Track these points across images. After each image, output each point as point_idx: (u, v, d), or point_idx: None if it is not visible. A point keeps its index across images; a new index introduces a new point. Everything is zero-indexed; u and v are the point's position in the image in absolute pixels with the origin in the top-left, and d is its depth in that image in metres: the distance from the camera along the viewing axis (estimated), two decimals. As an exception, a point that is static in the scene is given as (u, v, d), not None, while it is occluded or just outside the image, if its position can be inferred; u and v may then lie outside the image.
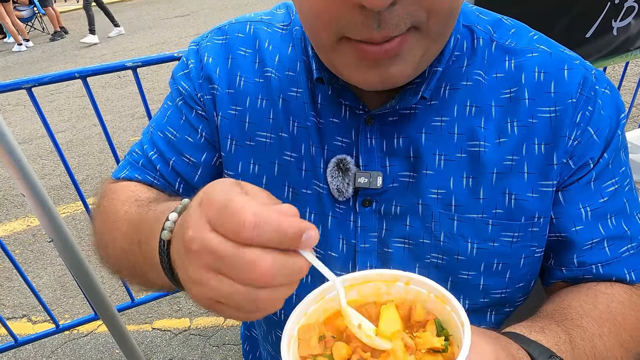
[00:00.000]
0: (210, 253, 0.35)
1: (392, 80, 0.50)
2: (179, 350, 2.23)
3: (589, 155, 0.57)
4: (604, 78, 0.59)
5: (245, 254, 0.34)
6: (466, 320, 0.38)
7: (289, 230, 0.35)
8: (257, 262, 0.34)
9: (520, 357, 0.44)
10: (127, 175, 0.68)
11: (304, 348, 0.40)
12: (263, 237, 0.34)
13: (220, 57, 0.65)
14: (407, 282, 0.43)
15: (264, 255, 0.34)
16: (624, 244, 0.59)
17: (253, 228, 0.34)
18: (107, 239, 0.60)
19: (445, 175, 0.58)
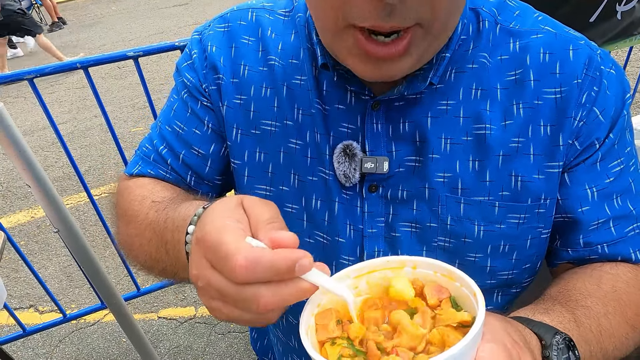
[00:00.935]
0: (215, 290, 0.38)
1: (394, 75, 0.51)
2: (185, 339, 2.25)
3: (594, 135, 0.57)
4: (610, 58, 0.59)
5: (245, 292, 0.37)
6: (478, 290, 0.38)
7: (281, 267, 0.36)
8: (257, 297, 0.36)
9: (528, 334, 0.45)
10: (140, 170, 0.69)
11: (322, 333, 0.41)
12: (257, 276, 0.36)
13: (223, 45, 0.65)
14: (414, 266, 0.44)
15: (263, 291, 0.36)
16: (629, 224, 0.60)
17: (245, 271, 0.36)
18: (133, 243, 0.62)
19: (451, 159, 0.58)
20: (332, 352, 0.39)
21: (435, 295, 0.41)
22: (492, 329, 0.38)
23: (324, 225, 0.62)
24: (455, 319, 0.38)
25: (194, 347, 2.20)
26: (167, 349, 2.22)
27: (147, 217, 0.59)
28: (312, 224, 0.63)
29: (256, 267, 0.36)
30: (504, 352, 0.36)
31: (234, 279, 0.36)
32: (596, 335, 0.52)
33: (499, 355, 0.36)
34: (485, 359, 0.35)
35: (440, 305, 0.41)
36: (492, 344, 0.36)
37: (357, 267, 0.44)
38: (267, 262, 0.36)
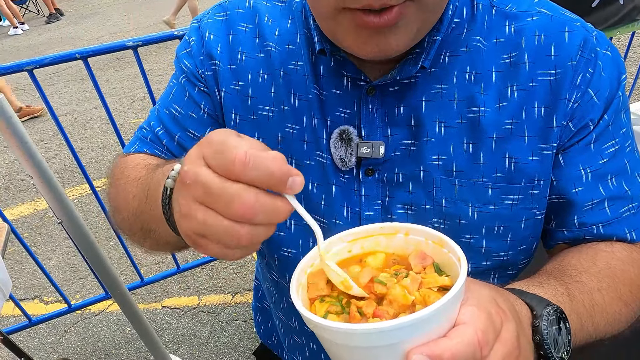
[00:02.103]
0: (200, 186, 0.37)
1: (390, 49, 0.51)
2: (189, 327, 2.28)
3: (588, 117, 0.57)
4: (605, 40, 0.59)
5: (231, 187, 0.36)
6: (462, 255, 0.39)
7: (276, 172, 0.37)
8: (241, 195, 0.36)
9: (519, 304, 0.45)
10: (137, 149, 0.71)
11: (312, 291, 0.42)
12: (251, 174, 0.36)
13: (221, 33, 0.66)
14: (406, 233, 0.45)
15: (248, 191, 0.36)
16: (624, 204, 0.60)
17: (242, 165, 0.36)
18: (120, 203, 0.62)
19: (445, 142, 0.59)
20: (321, 308, 0.40)
21: (419, 263, 0.42)
22: (478, 296, 0.38)
23: (321, 209, 0.63)
24: (437, 283, 0.40)
25: (197, 336, 2.23)
26: (172, 337, 2.25)
27: (138, 176, 0.60)
28: (308, 208, 0.64)
29: (254, 164, 0.36)
30: (485, 316, 0.36)
31: (229, 170, 0.36)
32: (588, 310, 0.53)
33: (479, 318, 0.36)
34: (465, 321, 0.36)
35: (424, 270, 0.42)
36: (473, 308, 0.37)
37: (352, 232, 0.46)
38: (265, 164, 0.36)
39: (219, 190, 0.37)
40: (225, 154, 0.37)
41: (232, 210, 0.37)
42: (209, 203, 0.37)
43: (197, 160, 0.38)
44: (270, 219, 0.38)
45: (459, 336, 0.35)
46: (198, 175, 0.37)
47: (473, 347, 0.34)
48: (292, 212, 0.39)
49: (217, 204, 0.37)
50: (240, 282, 2.51)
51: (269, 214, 0.38)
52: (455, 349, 0.34)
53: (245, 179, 0.36)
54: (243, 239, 0.38)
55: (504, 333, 0.38)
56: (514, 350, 0.38)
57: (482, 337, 0.35)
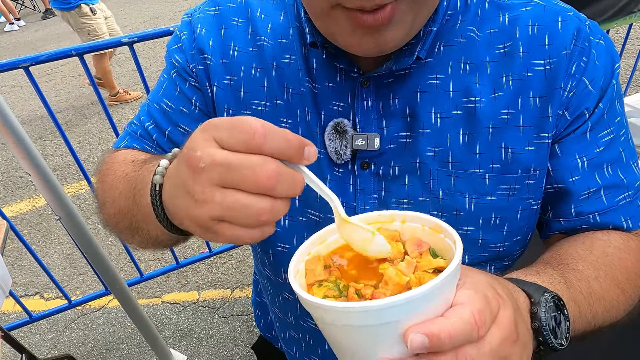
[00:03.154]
0: (218, 165, 0.37)
1: (387, 45, 0.51)
2: (189, 322, 2.29)
3: (584, 105, 0.57)
4: (598, 29, 0.59)
5: (252, 158, 0.36)
6: (457, 238, 0.40)
7: (294, 141, 0.37)
8: (263, 164, 0.36)
9: (516, 292, 0.46)
10: (126, 145, 0.70)
11: (310, 276, 0.43)
12: (272, 144, 0.36)
13: (213, 28, 0.65)
14: (402, 220, 0.45)
15: (269, 161, 0.37)
16: (620, 193, 0.60)
17: (262, 136, 0.36)
18: (106, 199, 0.62)
19: (441, 133, 0.59)
20: (318, 292, 0.41)
21: (415, 250, 0.43)
22: (475, 281, 0.39)
23: (316, 203, 0.64)
24: (432, 265, 0.40)
25: (197, 330, 2.25)
26: (172, 332, 2.26)
27: (124, 172, 0.59)
28: (304, 202, 0.64)
29: (273, 134, 0.36)
30: (482, 299, 0.36)
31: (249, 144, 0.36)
32: (586, 297, 0.53)
33: (477, 301, 0.36)
34: (462, 302, 0.36)
35: (420, 256, 0.42)
36: (471, 291, 0.37)
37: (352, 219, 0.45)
38: (283, 133, 0.37)
39: (239, 164, 0.36)
40: (242, 129, 0.36)
41: (255, 180, 0.36)
42: (228, 181, 0.37)
43: (209, 144, 0.38)
44: (289, 190, 0.38)
45: (456, 315, 0.35)
46: (214, 156, 0.37)
47: (470, 327, 0.35)
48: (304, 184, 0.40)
49: (238, 178, 0.36)
50: (240, 277, 2.52)
51: (289, 185, 0.38)
52: (452, 328, 0.34)
53: (266, 150, 0.37)
54: (264, 213, 0.37)
55: (501, 317, 0.38)
56: (512, 335, 0.38)
57: (478, 317, 0.35)
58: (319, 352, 0.75)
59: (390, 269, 0.40)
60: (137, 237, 0.59)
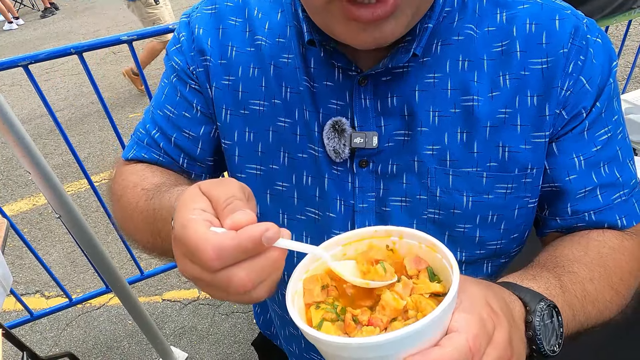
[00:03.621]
0: (198, 281, 0.41)
1: (384, 39, 0.51)
2: (189, 320, 2.30)
3: (581, 104, 0.57)
4: (596, 27, 0.59)
5: (219, 277, 0.39)
6: (454, 262, 0.40)
7: (248, 245, 0.38)
8: (232, 279, 0.39)
9: (512, 301, 0.46)
10: (135, 155, 0.71)
11: (308, 296, 0.43)
12: (229, 260, 0.38)
13: (211, 27, 0.65)
14: (400, 236, 0.45)
15: (236, 271, 0.39)
16: (616, 191, 0.61)
17: (217, 260, 0.38)
18: (130, 229, 0.66)
19: (439, 131, 0.59)
20: (316, 315, 0.41)
21: (414, 267, 0.43)
22: (471, 297, 0.39)
23: (315, 202, 0.64)
24: (429, 290, 0.40)
25: (198, 328, 2.25)
26: (172, 329, 2.27)
27: (138, 206, 0.61)
28: (303, 201, 0.65)
29: (225, 253, 0.38)
30: (478, 322, 0.37)
31: (210, 269, 0.39)
32: (580, 300, 0.54)
33: (472, 325, 0.36)
34: (457, 329, 0.36)
35: (418, 275, 0.43)
36: (465, 314, 0.37)
37: (347, 236, 0.46)
38: (234, 245, 0.38)
39: (212, 283, 0.39)
40: (198, 257, 0.39)
41: (233, 293, 0.39)
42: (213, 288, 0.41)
43: (182, 260, 0.41)
44: (272, 275, 0.40)
45: (451, 345, 0.35)
46: (190, 274, 0.41)
47: (465, 355, 0.35)
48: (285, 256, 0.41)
49: (219, 289, 0.40)
50: (240, 274, 2.53)
51: (268, 272, 0.40)
52: (447, 357, 0.35)
53: (228, 265, 0.39)
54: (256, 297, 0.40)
55: (497, 336, 0.38)
56: (506, 353, 0.39)
57: (473, 344, 0.36)
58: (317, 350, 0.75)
59: (387, 293, 0.40)
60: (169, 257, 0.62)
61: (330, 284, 0.44)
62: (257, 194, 0.67)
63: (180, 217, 0.41)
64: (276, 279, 0.41)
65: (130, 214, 0.63)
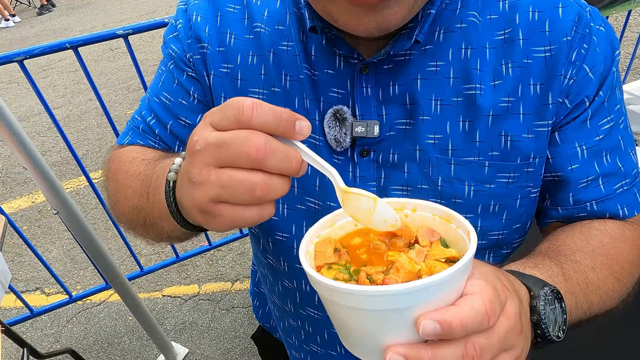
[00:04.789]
0: (212, 145, 0.38)
1: (387, 23, 0.50)
2: (190, 315, 2.30)
3: (584, 93, 0.57)
4: (599, 15, 0.58)
5: (241, 132, 0.37)
6: (472, 229, 0.40)
7: (284, 115, 0.37)
8: (250, 138, 0.37)
9: (517, 285, 0.46)
10: (130, 140, 0.71)
11: (320, 258, 0.43)
12: (260, 119, 0.37)
13: (209, 15, 0.64)
14: (413, 208, 0.45)
15: (257, 134, 0.37)
16: (617, 181, 0.60)
17: (250, 110, 0.37)
18: (119, 197, 0.63)
19: (441, 120, 0.58)
20: (328, 275, 0.40)
21: (427, 238, 0.43)
22: (484, 272, 0.39)
23: (315, 191, 0.63)
24: (444, 255, 0.40)
25: (198, 323, 2.26)
26: (173, 325, 2.27)
27: (137, 171, 0.60)
28: (303, 190, 0.64)
29: (262, 108, 0.37)
30: (492, 289, 0.37)
31: (239, 119, 0.37)
32: (583, 288, 0.53)
33: (487, 291, 0.36)
34: (473, 292, 0.36)
35: (431, 245, 0.42)
36: (481, 281, 0.37)
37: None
38: (272, 108, 0.37)
39: (230, 141, 0.37)
40: (232, 106, 0.37)
41: (244, 153, 0.37)
42: (221, 160, 0.38)
43: (205, 128, 0.39)
44: (283, 164, 0.38)
45: (468, 304, 0.35)
46: (208, 138, 0.38)
47: (481, 316, 0.35)
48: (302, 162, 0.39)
49: (230, 154, 0.37)
50: (240, 269, 2.53)
51: (281, 159, 0.38)
52: (464, 316, 0.34)
53: (255, 124, 0.37)
54: (257, 188, 0.37)
55: (508, 308, 0.38)
56: (517, 325, 0.39)
57: (489, 307, 0.35)
58: (318, 340, 0.75)
59: (402, 256, 0.40)
60: (152, 233, 0.60)
61: (342, 249, 0.44)
62: None
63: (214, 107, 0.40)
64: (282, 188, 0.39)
65: (124, 180, 0.62)
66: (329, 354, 0.75)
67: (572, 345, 0.47)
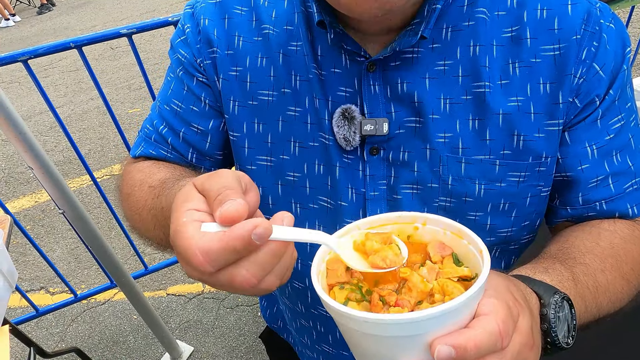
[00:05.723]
0: (202, 281, 0.39)
1: (390, 3, 0.49)
2: (195, 314, 2.31)
3: (594, 92, 0.56)
4: (609, 11, 0.58)
5: (220, 277, 0.38)
6: (484, 248, 0.39)
7: (237, 245, 0.36)
8: (234, 278, 0.37)
9: (528, 293, 0.46)
10: (143, 152, 0.71)
11: (332, 277, 0.42)
12: (222, 263, 0.37)
13: (216, 17, 0.64)
14: (424, 222, 0.45)
15: (237, 271, 0.37)
16: (628, 180, 0.60)
17: (208, 264, 0.36)
18: (141, 228, 0.65)
19: (451, 119, 0.58)
20: (340, 295, 0.40)
21: (438, 253, 0.43)
22: (496, 286, 0.39)
23: (327, 190, 0.63)
24: (456, 273, 0.40)
25: (203, 322, 2.26)
26: (178, 323, 2.27)
27: (146, 204, 0.61)
28: (315, 190, 0.64)
29: (214, 256, 0.36)
30: (505, 308, 0.37)
31: (204, 274, 0.38)
32: (592, 292, 0.53)
33: (500, 310, 0.36)
34: (486, 313, 0.36)
35: (442, 261, 0.42)
36: (494, 300, 0.37)
37: (370, 220, 0.45)
38: (221, 248, 0.36)
39: (215, 284, 0.39)
40: (191, 265, 0.37)
41: (239, 290, 0.38)
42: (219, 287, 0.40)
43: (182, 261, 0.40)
44: (277, 265, 0.39)
45: (482, 327, 0.35)
46: (191, 276, 0.39)
47: (495, 337, 0.35)
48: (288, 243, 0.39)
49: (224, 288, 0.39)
50: (244, 268, 2.53)
51: (270, 264, 0.38)
52: (478, 339, 0.34)
53: (224, 265, 0.37)
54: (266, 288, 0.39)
55: (521, 323, 0.39)
56: (529, 340, 0.39)
57: (503, 327, 0.36)
58: (329, 340, 0.75)
59: (415, 275, 0.40)
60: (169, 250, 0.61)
61: None
62: (268, 184, 0.66)
63: (173, 221, 0.40)
64: (284, 267, 0.40)
65: (139, 213, 0.63)
66: (340, 354, 0.75)
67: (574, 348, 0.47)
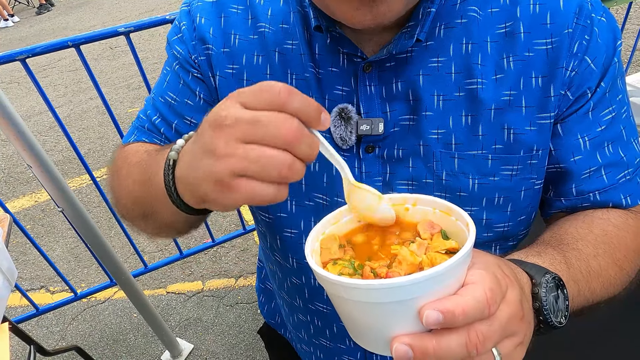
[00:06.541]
0: (245, 122, 0.38)
1: (383, 16, 0.50)
2: (194, 312, 2.32)
3: (586, 85, 0.57)
4: (600, 5, 0.58)
5: (278, 115, 0.39)
6: (470, 220, 0.41)
7: (314, 104, 0.39)
8: (287, 121, 0.38)
9: (519, 273, 0.46)
10: (135, 139, 0.71)
11: (325, 255, 0.44)
12: (294, 104, 0.39)
13: (212, 16, 0.65)
14: (414, 203, 0.46)
15: (292, 118, 0.39)
16: (620, 171, 0.61)
17: (287, 94, 0.38)
18: (121, 191, 0.63)
19: (444, 115, 0.59)
20: (333, 270, 0.42)
21: (427, 231, 0.44)
22: (485, 261, 0.40)
23: (323, 187, 0.64)
24: (444, 246, 0.41)
25: (203, 319, 2.27)
26: (177, 321, 2.28)
27: (138, 160, 0.61)
28: (310, 187, 0.65)
29: (297, 94, 0.39)
30: (493, 279, 0.38)
31: (274, 102, 0.38)
32: (585, 276, 0.54)
33: (488, 280, 0.37)
34: (474, 282, 0.37)
35: (431, 238, 0.43)
36: (482, 271, 0.38)
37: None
38: (303, 96, 0.39)
39: (266, 120, 0.38)
40: (268, 90, 0.39)
41: (280, 135, 0.38)
42: (251, 137, 0.38)
43: (233, 105, 0.40)
44: (307, 151, 0.39)
45: (469, 293, 0.36)
46: (241, 115, 0.39)
47: (482, 304, 0.36)
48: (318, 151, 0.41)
49: (263, 133, 0.38)
50: (243, 265, 2.54)
51: (308, 145, 0.39)
52: (465, 305, 0.35)
53: (289, 109, 0.38)
54: (285, 168, 0.38)
55: (509, 295, 0.39)
56: (519, 312, 0.40)
57: (490, 295, 0.36)
58: (327, 334, 0.76)
59: (404, 249, 0.41)
60: (151, 224, 0.60)
61: (346, 245, 0.45)
62: None
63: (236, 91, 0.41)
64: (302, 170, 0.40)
65: (126, 171, 0.62)
66: (337, 347, 0.76)
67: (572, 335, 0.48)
